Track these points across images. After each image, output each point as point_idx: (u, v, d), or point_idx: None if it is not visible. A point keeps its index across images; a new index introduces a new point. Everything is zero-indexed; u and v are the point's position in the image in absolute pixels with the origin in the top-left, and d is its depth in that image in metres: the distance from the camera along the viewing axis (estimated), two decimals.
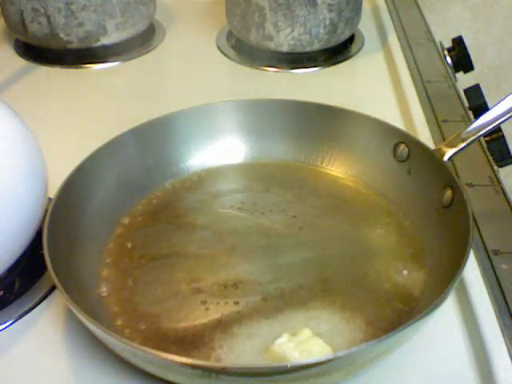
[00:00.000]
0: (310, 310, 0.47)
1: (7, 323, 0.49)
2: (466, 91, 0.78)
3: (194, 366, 0.38)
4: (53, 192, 0.51)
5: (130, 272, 0.51)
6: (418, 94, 0.74)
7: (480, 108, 0.75)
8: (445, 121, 0.69)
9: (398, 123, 0.68)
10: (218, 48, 0.88)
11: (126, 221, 0.55)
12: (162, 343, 0.45)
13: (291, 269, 0.50)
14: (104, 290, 0.49)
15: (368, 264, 0.51)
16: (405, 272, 0.49)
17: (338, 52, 0.85)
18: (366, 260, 0.51)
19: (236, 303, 0.48)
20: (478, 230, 0.54)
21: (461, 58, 0.84)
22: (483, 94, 0.77)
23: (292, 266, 0.51)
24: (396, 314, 0.46)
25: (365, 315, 0.46)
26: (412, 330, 0.40)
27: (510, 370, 0.43)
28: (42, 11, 0.80)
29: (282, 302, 0.47)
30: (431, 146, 0.62)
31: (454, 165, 0.61)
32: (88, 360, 0.46)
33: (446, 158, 0.52)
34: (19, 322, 0.49)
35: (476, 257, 0.51)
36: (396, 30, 0.89)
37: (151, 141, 0.59)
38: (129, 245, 0.53)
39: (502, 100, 0.51)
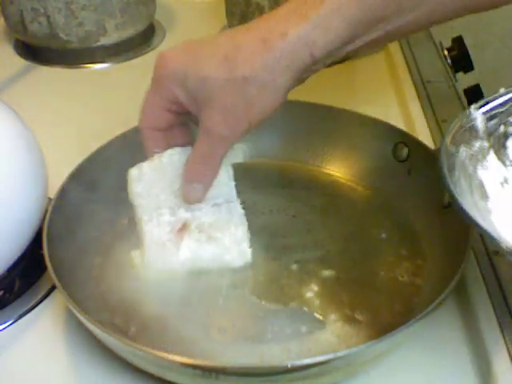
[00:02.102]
0: (310, 309, 0.47)
1: (7, 323, 0.49)
2: (465, 91, 0.78)
3: (194, 366, 0.38)
4: (53, 192, 0.51)
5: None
6: (418, 94, 0.74)
7: None
8: (445, 121, 0.69)
9: (398, 123, 0.68)
10: None
11: (125, 221, 0.55)
12: (162, 343, 0.45)
13: (290, 269, 0.50)
14: (104, 290, 0.49)
15: (367, 264, 0.51)
16: (404, 272, 0.49)
17: None
18: (365, 260, 0.51)
19: (235, 303, 0.48)
20: None
21: (461, 58, 0.84)
22: (483, 94, 0.77)
23: (291, 267, 0.51)
24: (396, 313, 0.46)
25: (364, 315, 0.46)
26: (412, 330, 0.40)
27: (509, 369, 0.43)
28: (42, 11, 0.80)
29: (282, 301, 0.48)
30: (431, 146, 0.62)
31: None
32: (88, 360, 0.46)
33: None
34: (19, 321, 0.49)
35: (476, 257, 0.51)
36: None
37: None
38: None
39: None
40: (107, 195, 0.55)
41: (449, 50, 0.85)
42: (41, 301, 0.50)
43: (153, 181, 0.50)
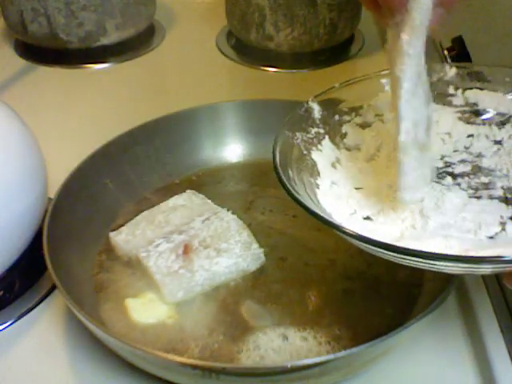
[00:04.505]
0: (308, 308, 0.47)
1: (7, 323, 0.49)
2: None
3: (194, 366, 0.38)
4: (53, 192, 0.51)
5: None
6: None
7: None
8: None
9: None
10: (218, 48, 0.88)
11: (125, 220, 0.55)
12: (161, 343, 0.45)
13: (290, 269, 0.50)
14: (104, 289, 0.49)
15: (367, 263, 0.51)
16: (405, 271, 0.49)
17: (338, 52, 0.85)
18: (364, 259, 0.51)
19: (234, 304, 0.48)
20: None
21: (461, 57, 0.84)
22: None
23: (292, 267, 0.51)
24: (396, 313, 0.46)
25: (364, 315, 0.46)
26: (412, 331, 0.40)
27: (510, 370, 0.43)
28: (42, 11, 0.80)
29: (281, 301, 0.48)
30: None
31: None
32: (88, 360, 0.46)
33: None
34: (19, 321, 0.49)
35: None
36: None
37: (150, 141, 0.59)
38: None
39: None
40: (107, 195, 0.55)
41: (449, 49, 0.85)
42: (41, 301, 0.50)
43: (132, 228, 0.52)
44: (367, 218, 0.43)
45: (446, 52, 0.84)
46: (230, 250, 0.49)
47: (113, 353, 0.43)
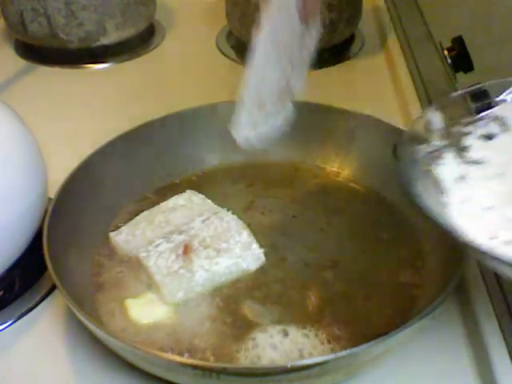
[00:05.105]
0: (308, 308, 0.47)
1: (7, 323, 0.49)
2: None
3: (194, 366, 0.38)
4: (53, 192, 0.51)
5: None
6: (418, 94, 0.74)
7: None
8: None
9: (398, 123, 0.68)
10: (218, 48, 0.88)
11: (125, 220, 0.55)
12: (162, 343, 0.45)
13: (291, 269, 0.50)
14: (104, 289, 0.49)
15: (368, 264, 0.51)
16: (405, 272, 0.49)
17: (338, 52, 0.85)
18: (365, 260, 0.51)
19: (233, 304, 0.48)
20: None
21: (461, 57, 0.84)
22: (483, 94, 0.77)
23: (292, 267, 0.51)
24: (396, 313, 0.46)
25: (364, 315, 0.46)
26: (412, 331, 0.40)
27: (510, 370, 0.43)
28: (42, 11, 0.80)
29: (281, 301, 0.48)
30: None
31: None
32: (88, 360, 0.46)
33: None
34: (19, 322, 0.49)
35: None
36: (396, 30, 0.89)
37: (150, 141, 0.59)
38: None
39: None
40: (107, 195, 0.55)
41: (449, 49, 0.85)
42: (41, 301, 0.50)
43: (132, 228, 0.52)
44: (509, 242, 0.38)
45: (446, 52, 0.84)
46: (229, 250, 0.49)
47: (113, 353, 0.43)
